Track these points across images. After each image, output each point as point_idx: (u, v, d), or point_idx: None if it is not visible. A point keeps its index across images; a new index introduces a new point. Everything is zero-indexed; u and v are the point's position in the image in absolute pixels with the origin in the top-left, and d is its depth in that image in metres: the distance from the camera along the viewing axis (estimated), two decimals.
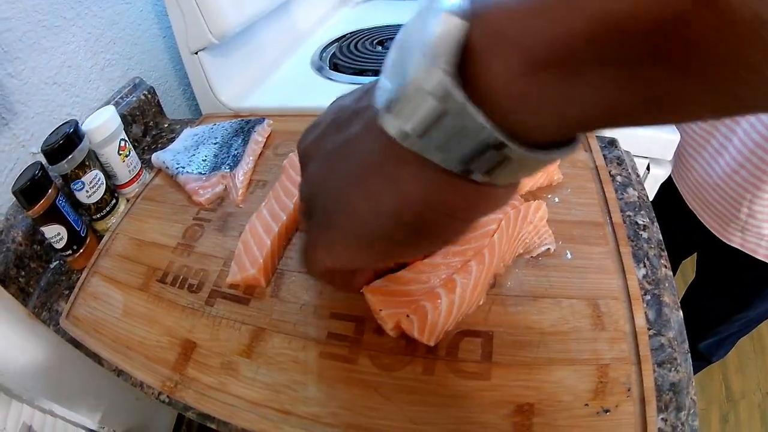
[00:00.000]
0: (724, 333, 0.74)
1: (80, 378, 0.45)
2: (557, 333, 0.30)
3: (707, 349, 0.79)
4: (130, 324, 0.36)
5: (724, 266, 0.63)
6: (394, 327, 0.30)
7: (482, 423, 0.27)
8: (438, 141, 0.14)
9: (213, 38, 0.56)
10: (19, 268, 0.44)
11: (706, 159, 0.55)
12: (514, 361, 0.29)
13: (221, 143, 0.49)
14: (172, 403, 0.32)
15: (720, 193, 0.54)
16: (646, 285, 0.34)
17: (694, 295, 0.75)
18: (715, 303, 0.70)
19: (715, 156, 0.53)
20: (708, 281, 0.70)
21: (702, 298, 0.72)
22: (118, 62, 0.58)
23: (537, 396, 0.27)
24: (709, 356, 0.81)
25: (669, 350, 0.30)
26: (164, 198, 0.47)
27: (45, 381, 0.42)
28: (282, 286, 0.36)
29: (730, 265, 0.61)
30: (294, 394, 0.30)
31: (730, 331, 0.72)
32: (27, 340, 0.41)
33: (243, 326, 0.34)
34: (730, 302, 0.67)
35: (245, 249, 0.36)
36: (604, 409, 0.26)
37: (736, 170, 0.50)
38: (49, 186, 0.40)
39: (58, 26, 0.50)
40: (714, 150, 0.53)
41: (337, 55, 0.71)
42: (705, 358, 0.82)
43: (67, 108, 0.52)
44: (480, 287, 0.30)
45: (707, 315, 0.72)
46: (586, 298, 0.31)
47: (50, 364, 0.43)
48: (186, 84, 0.72)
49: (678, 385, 0.29)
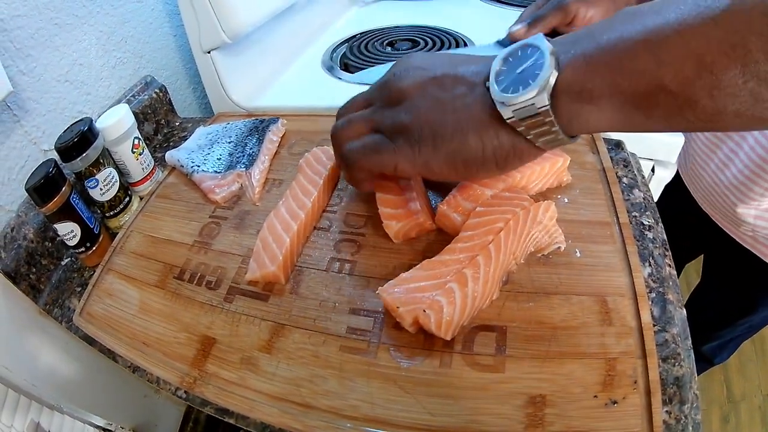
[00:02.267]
0: (728, 336, 0.74)
1: (89, 375, 0.46)
2: (567, 328, 0.31)
3: (710, 351, 0.80)
4: (146, 321, 0.37)
5: (732, 268, 0.64)
6: (412, 323, 0.31)
7: (497, 414, 0.28)
8: (526, 123, 0.25)
9: (226, 37, 0.56)
10: (30, 264, 0.44)
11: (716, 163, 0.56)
12: (527, 354, 0.30)
13: (236, 142, 0.50)
14: (190, 398, 0.33)
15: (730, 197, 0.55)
16: (651, 283, 0.35)
17: (699, 298, 0.75)
18: (721, 306, 0.70)
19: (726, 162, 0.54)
20: (714, 284, 0.71)
21: (707, 301, 0.72)
22: (129, 60, 0.59)
23: (549, 388, 0.28)
24: (712, 358, 0.81)
25: (673, 346, 0.31)
26: (179, 196, 0.47)
27: (54, 378, 0.42)
28: (301, 282, 0.36)
29: (738, 267, 0.62)
30: (314, 387, 0.30)
31: (734, 334, 0.73)
32: (37, 337, 0.41)
33: (262, 322, 0.34)
34: (735, 305, 0.67)
35: (264, 246, 0.37)
36: (612, 400, 0.28)
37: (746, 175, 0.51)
38: (63, 183, 0.40)
39: (70, 24, 0.50)
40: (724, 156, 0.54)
41: (347, 56, 0.71)
42: (708, 360, 0.82)
43: (79, 106, 0.52)
44: (491, 282, 0.31)
45: (712, 318, 0.73)
46: (595, 294, 0.32)
47: (59, 361, 0.43)
48: (197, 82, 0.72)
49: (681, 380, 0.30)
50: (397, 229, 0.36)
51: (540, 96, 0.23)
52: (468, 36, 0.74)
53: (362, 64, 0.68)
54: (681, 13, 0.19)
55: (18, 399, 0.38)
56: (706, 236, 0.64)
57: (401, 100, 0.29)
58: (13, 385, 0.38)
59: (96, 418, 0.48)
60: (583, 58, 0.22)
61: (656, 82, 0.20)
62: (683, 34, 0.19)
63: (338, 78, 0.66)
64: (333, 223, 0.41)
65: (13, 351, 0.39)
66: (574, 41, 0.23)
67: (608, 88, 0.22)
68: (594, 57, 0.22)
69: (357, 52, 0.71)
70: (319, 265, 0.38)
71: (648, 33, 0.20)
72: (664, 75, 0.20)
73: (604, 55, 0.21)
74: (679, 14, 0.19)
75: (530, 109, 0.24)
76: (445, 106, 0.27)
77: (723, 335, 0.75)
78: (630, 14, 0.22)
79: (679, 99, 0.20)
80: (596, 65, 0.22)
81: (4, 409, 0.37)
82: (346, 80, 0.65)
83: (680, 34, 0.19)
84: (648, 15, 0.21)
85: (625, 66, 0.21)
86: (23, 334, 0.40)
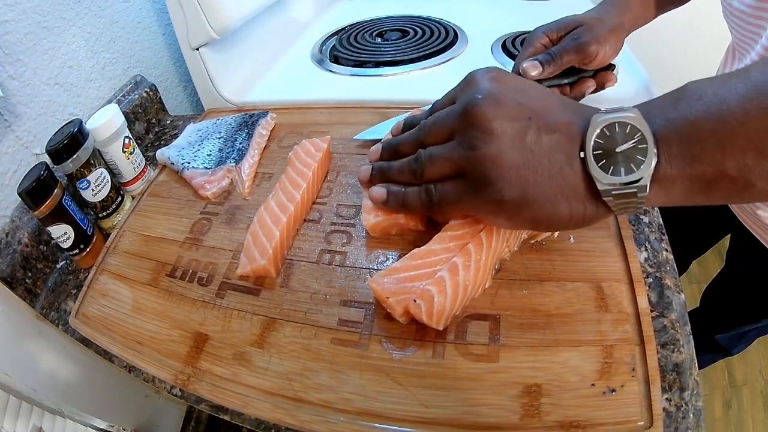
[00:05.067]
0: (748, 328, 0.72)
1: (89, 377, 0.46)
2: (563, 315, 0.30)
3: (728, 341, 0.78)
4: (140, 320, 0.37)
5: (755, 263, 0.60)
6: (403, 313, 0.30)
7: (492, 404, 0.27)
8: (619, 201, 0.25)
9: (214, 33, 0.56)
10: (25, 269, 0.44)
11: None
12: (521, 343, 0.29)
13: (225, 138, 0.50)
14: (185, 396, 0.33)
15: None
16: (647, 268, 0.34)
17: (721, 287, 0.73)
18: (746, 301, 0.67)
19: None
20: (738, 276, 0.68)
21: (730, 291, 0.70)
22: (118, 61, 0.59)
23: (544, 377, 0.28)
24: (729, 348, 0.80)
25: (671, 332, 0.31)
26: (170, 194, 0.47)
27: (54, 382, 0.42)
28: (292, 276, 0.36)
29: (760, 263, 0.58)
30: (306, 381, 0.30)
31: (755, 326, 0.71)
32: (35, 341, 0.41)
33: (254, 317, 0.34)
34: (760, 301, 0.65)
35: (254, 240, 0.36)
36: (610, 388, 0.27)
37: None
38: (55, 186, 0.40)
39: (58, 27, 0.50)
40: None
41: (337, 48, 0.71)
42: (723, 350, 0.80)
43: (69, 108, 0.52)
44: (483, 270, 0.31)
45: (734, 310, 0.71)
46: (590, 280, 0.32)
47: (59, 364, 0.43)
48: (187, 80, 0.72)
49: (681, 366, 0.29)
50: (375, 223, 0.35)
51: (642, 182, 0.24)
52: (457, 25, 0.73)
53: (352, 56, 0.67)
54: (741, 101, 0.21)
55: (19, 405, 0.38)
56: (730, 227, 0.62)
57: (488, 142, 0.27)
58: (13, 391, 0.38)
59: (98, 421, 0.48)
60: (666, 148, 0.24)
61: (721, 170, 0.22)
62: (746, 127, 0.21)
63: (329, 71, 0.66)
64: (323, 214, 0.41)
65: (13, 357, 0.39)
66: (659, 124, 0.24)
67: (683, 176, 0.24)
68: (673, 147, 0.23)
69: (347, 44, 0.71)
70: (310, 257, 0.37)
71: (716, 123, 0.22)
72: (728, 165, 0.22)
73: (682, 147, 0.23)
74: (740, 101, 0.22)
75: (629, 191, 0.24)
76: (540, 170, 0.26)
77: (743, 327, 0.73)
78: (695, 99, 0.23)
79: (738, 183, 0.22)
80: (676, 155, 0.23)
81: (6, 415, 0.37)
82: (336, 72, 0.65)
83: (744, 126, 0.21)
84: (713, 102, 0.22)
85: (696, 156, 0.23)
86: (22, 340, 0.40)
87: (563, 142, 0.26)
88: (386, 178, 0.34)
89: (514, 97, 0.27)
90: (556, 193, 0.26)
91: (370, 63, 0.65)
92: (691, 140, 0.23)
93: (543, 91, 0.29)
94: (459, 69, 0.61)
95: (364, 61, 0.66)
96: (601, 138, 0.25)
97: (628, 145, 0.24)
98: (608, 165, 0.25)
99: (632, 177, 0.24)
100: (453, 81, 0.32)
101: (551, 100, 0.28)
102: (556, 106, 0.27)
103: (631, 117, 0.24)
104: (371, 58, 0.66)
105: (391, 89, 0.59)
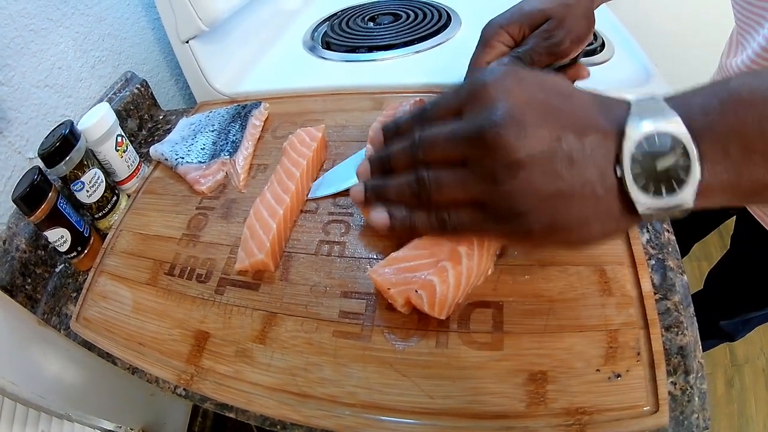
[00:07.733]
0: (752, 315, 0.71)
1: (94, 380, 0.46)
2: (566, 300, 0.30)
3: (732, 327, 0.76)
4: (141, 320, 0.36)
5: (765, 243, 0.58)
6: (404, 303, 0.30)
7: (497, 393, 0.27)
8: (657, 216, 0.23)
9: (203, 25, 0.55)
10: (24, 275, 0.44)
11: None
12: (525, 329, 0.29)
13: (219, 130, 0.49)
14: (189, 395, 0.33)
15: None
16: (650, 250, 0.34)
17: (726, 271, 0.71)
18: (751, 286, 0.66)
19: None
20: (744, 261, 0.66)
21: (736, 278, 0.69)
22: (108, 58, 0.58)
23: (549, 363, 0.28)
24: (733, 335, 0.78)
25: (675, 314, 0.30)
26: (165, 190, 0.47)
27: (59, 387, 0.42)
28: (291, 268, 0.36)
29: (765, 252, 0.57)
30: (310, 376, 0.30)
31: (760, 313, 0.70)
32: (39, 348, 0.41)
33: (254, 312, 0.34)
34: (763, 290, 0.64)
35: (251, 234, 0.36)
36: (615, 374, 0.27)
37: None
38: (49, 189, 0.40)
39: (45, 29, 0.49)
40: None
41: (329, 34, 0.69)
42: (727, 335, 0.79)
43: (61, 109, 0.52)
44: (485, 257, 0.31)
45: (739, 296, 0.69)
46: (593, 264, 0.31)
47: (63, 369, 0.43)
48: (178, 74, 0.71)
49: (686, 349, 0.29)
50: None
51: (685, 206, 0.22)
52: (450, 7, 0.72)
53: (344, 41, 0.66)
54: None
55: (27, 412, 0.38)
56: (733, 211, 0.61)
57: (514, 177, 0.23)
58: (21, 399, 0.38)
59: (105, 422, 0.48)
60: (711, 165, 0.22)
61: (765, 183, 0.21)
62: None
63: (321, 57, 0.64)
64: (320, 205, 0.40)
65: (17, 364, 0.38)
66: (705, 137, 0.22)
67: (725, 188, 0.22)
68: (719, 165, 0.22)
69: (339, 30, 0.69)
70: (308, 249, 0.37)
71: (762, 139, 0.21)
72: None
73: (728, 163, 0.22)
74: None
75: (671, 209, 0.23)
76: (571, 194, 0.23)
77: (748, 314, 0.71)
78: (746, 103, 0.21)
79: None
80: (722, 171, 0.22)
81: (15, 423, 0.37)
82: (329, 59, 0.64)
83: None
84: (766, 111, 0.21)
85: (744, 172, 0.22)
86: (25, 347, 0.40)
87: (597, 157, 0.23)
88: (383, 199, 0.30)
89: (538, 115, 0.23)
90: (588, 217, 0.23)
91: (363, 48, 0.64)
92: (740, 156, 0.21)
93: (566, 92, 0.25)
94: (453, 51, 0.60)
95: (357, 46, 0.65)
96: (639, 151, 0.22)
97: (669, 163, 0.22)
98: (647, 185, 0.22)
99: (675, 200, 0.22)
100: (447, 64, 0.31)
101: (578, 103, 0.24)
102: (585, 112, 0.24)
103: (673, 128, 0.22)
104: (364, 43, 0.64)
105: (384, 74, 0.58)
